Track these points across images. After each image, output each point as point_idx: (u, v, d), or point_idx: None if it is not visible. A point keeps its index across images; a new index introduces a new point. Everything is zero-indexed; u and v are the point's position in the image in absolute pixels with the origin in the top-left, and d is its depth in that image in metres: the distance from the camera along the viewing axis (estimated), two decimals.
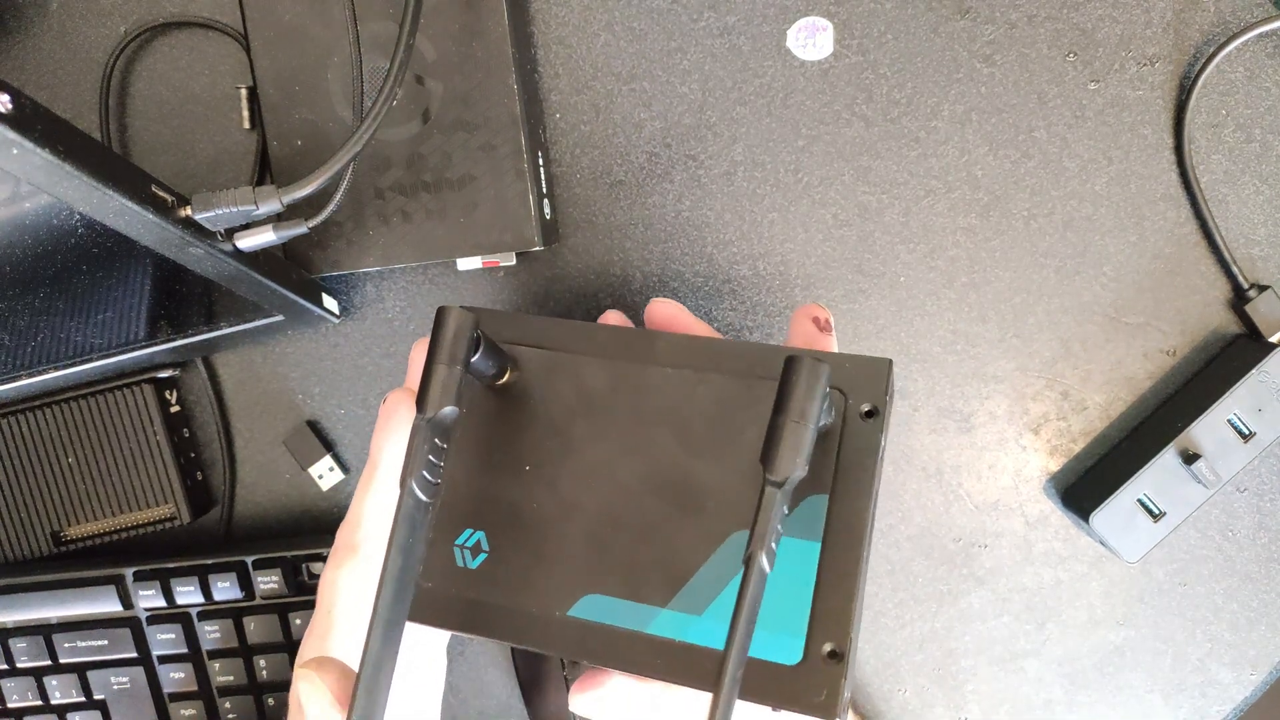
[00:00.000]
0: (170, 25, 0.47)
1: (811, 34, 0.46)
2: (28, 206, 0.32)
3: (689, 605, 0.29)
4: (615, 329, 0.33)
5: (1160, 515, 0.44)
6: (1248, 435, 0.44)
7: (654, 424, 0.31)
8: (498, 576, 0.31)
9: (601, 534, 0.30)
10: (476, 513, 0.32)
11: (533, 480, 0.31)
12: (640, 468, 0.31)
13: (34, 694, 0.47)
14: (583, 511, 0.31)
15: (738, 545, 0.29)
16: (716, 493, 0.30)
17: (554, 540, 0.31)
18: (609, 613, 0.30)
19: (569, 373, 0.32)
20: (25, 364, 0.44)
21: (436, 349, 0.28)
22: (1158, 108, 0.45)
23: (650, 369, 0.32)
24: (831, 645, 0.28)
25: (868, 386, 0.30)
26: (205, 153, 0.48)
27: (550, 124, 0.47)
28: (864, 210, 0.46)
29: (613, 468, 0.31)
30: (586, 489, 0.31)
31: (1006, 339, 0.47)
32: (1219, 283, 0.46)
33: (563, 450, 0.31)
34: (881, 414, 0.30)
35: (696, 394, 0.31)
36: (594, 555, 0.30)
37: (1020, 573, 0.48)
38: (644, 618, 0.29)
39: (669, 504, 0.30)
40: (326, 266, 0.45)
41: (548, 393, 0.32)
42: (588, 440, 0.31)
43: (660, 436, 0.31)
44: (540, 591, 0.30)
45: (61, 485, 0.48)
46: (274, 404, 0.49)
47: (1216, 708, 0.48)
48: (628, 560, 0.30)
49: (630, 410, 0.31)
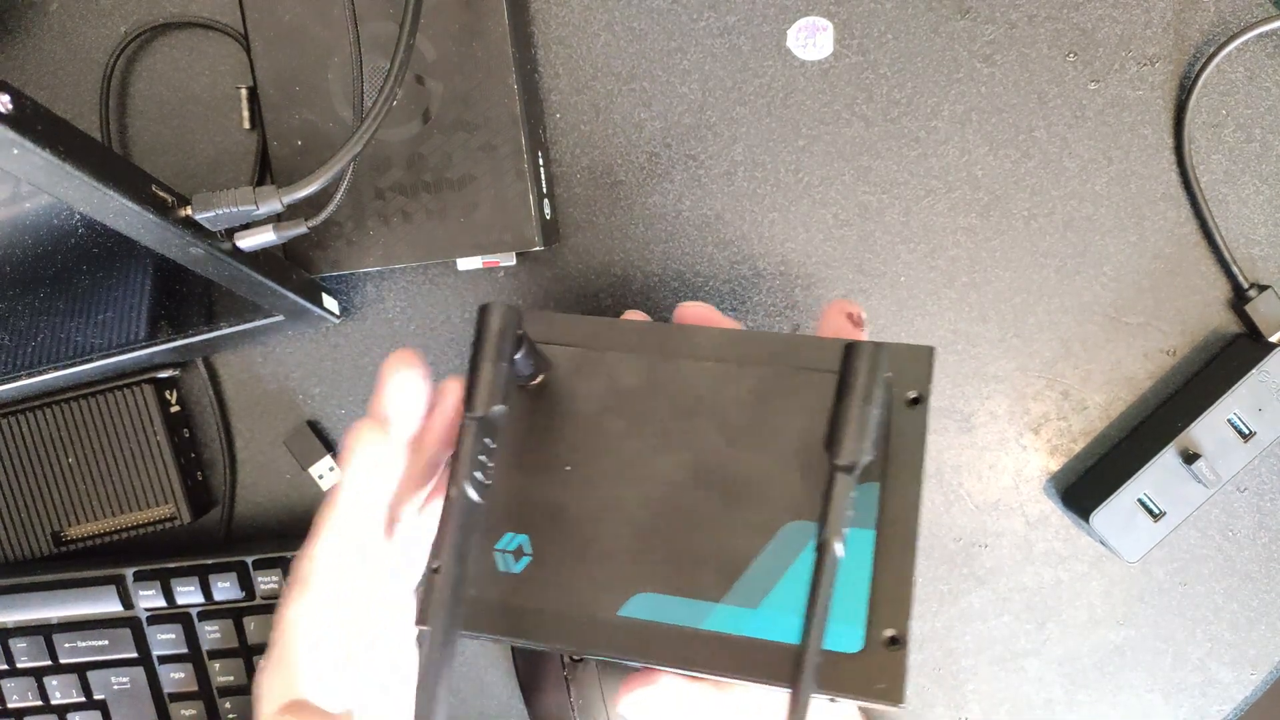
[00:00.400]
0: (170, 25, 0.47)
1: (811, 34, 0.46)
2: (28, 206, 0.32)
3: (744, 598, 0.29)
4: (649, 324, 0.33)
5: (1160, 515, 0.44)
6: (1248, 435, 0.44)
7: (695, 417, 0.31)
8: (543, 580, 0.30)
9: (649, 531, 0.30)
10: (517, 516, 0.31)
11: (574, 480, 0.31)
12: (684, 462, 0.30)
13: (34, 694, 0.47)
14: (628, 509, 0.30)
15: (792, 536, 0.29)
16: (765, 484, 0.30)
17: (600, 540, 0.30)
18: (661, 610, 0.29)
19: (604, 370, 0.32)
20: (25, 364, 0.44)
21: (483, 345, 0.28)
22: (1158, 108, 0.45)
23: (687, 363, 0.31)
24: (892, 631, 0.28)
25: (912, 374, 0.30)
26: (205, 153, 0.48)
27: (550, 124, 0.47)
28: (864, 210, 0.46)
29: (656, 463, 0.30)
30: (630, 486, 0.30)
31: (1006, 339, 0.47)
32: (1219, 283, 0.46)
33: (603, 448, 0.31)
34: (926, 400, 0.29)
35: (737, 386, 0.31)
36: (642, 553, 0.30)
37: (1020, 573, 0.48)
38: (699, 614, 0.29)
39: (716, 497, 0.30)
40: (326, 266, 0.45)
41: (584, 391, 0.31)
42: (628, 437, 0.31)
43: (702, 429, 0.30)
44: (589, 593, 0.30)
45: (61, 485, 0.48)
46: (274, 404, 0.49)
47: (1216, 708, 0.48)
48: (678, 556, 0.29)
49: (670, 405, 0.31)
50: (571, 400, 0.32)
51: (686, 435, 0.30)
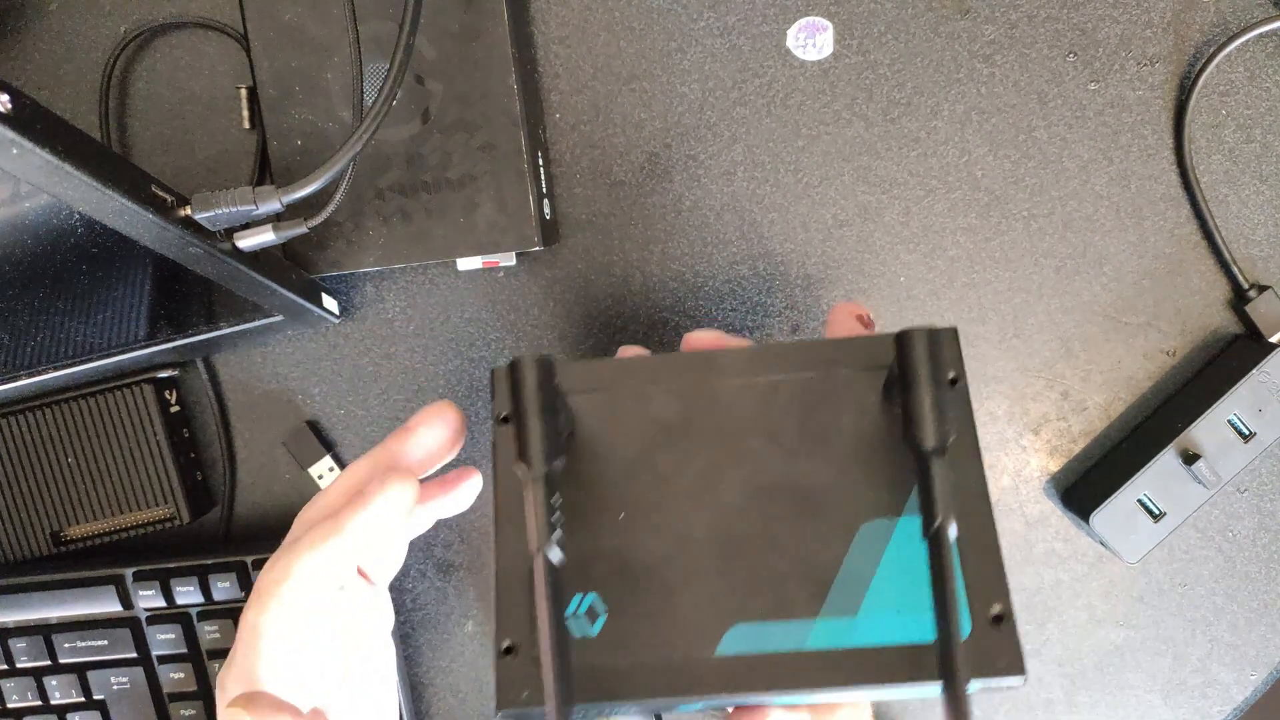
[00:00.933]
0: (170, 25, 0.47)
1: (811, 34, 0.46)
2: (28, 206, 0.32)
3: (842, 608, 0.28)
4: (668, 356, 0.32)
5: (1160, 515, 0.44)
6: (1248, 435, 0.44)
7: (741, 437, 0.30)
8: (626, 636, 0.28)
9: (724, 560, 0.29)
10: (580, 576, 0.29)
11: (631, 526, 0.29)
12: (741, 483, 0.29)
13: (34, 694, 0.47)
14: (695, 543, 0.29)
15: (872, 535, 0.28)
16: (830, 489, 0.29)
17: (675, 580, 0.29)
18: (761, 640, 0.28)
19: (635, 408, 0.31)
20: (25, 364, 0.44)
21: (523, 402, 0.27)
22: (1158, 108, 0.45)
23: (719, 385, 0.30)
24: (997, 608, 0.27)
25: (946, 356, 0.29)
26: (205, 153, 0.48)
27: (550, 124, 0.47)
28: (864, 210, 0.46)
29: (713, 490, 0.29)
30: (692, 519, 0.29)
31: (1006, 339, 0.47)
32: (1219, 283, 0.46)
33: (654, 487, 0.30)
34: (963, 379, 0.30)
35: (775, 398, 0.30)
36: (725, 584, 0.28)
37: (1020, 573, 0.48)
38: (800, 634, 0.28)
39: (784, 512, 0.29)
40: (326, 266, 0.45)
41: (619, 433, 0.30)
42: (677, 470, 0.30)
43: (752, 447, 0.30)
44: (680, 638, 0.28)
45: (61, 485, 0.48)
46: (274, 404, 0.49)
47: (1216, 708, 0.48)
48: (762, 579, 0.28)
49: (713, 429, 0.30)
50: (608, 446, 0.30)
51: (737, 456, 0.30)
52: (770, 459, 0.30)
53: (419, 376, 0.49)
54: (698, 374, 0.31)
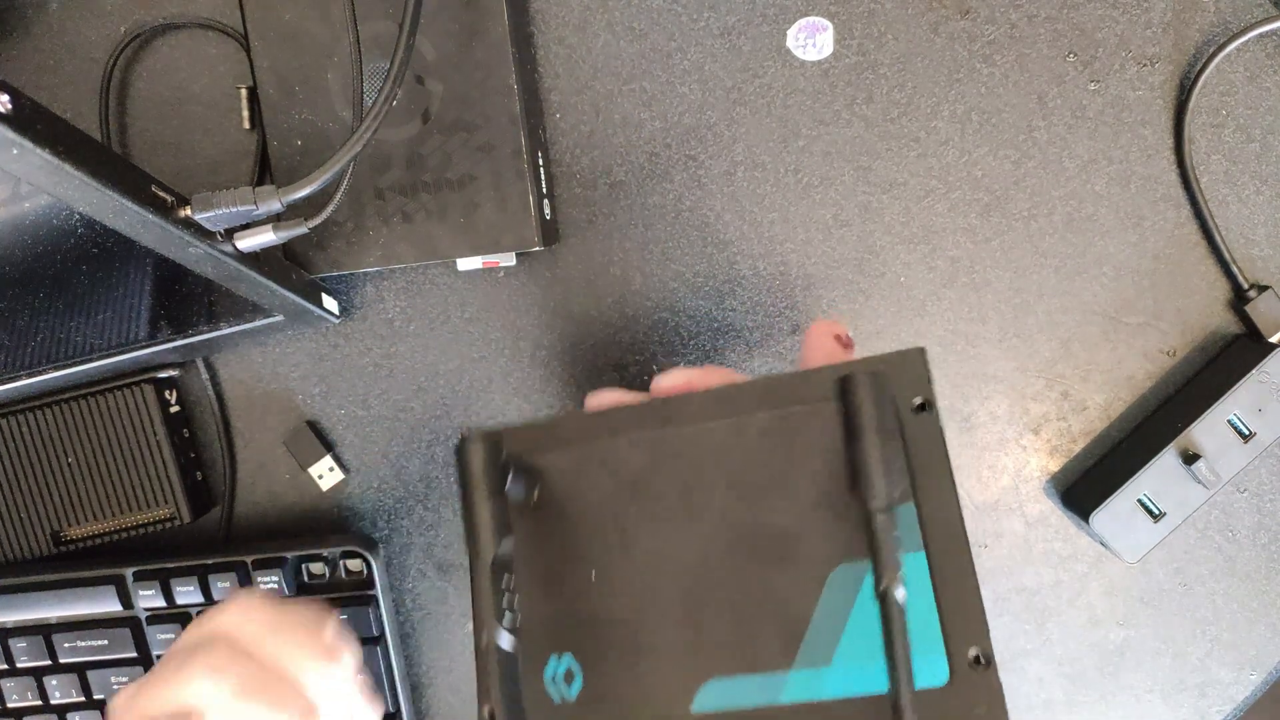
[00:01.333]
0: (170, 25, 0.47)
1: (811, 34, 0.46)
2: (28, 206, 0.32)
3: (815, 658, 0.27)
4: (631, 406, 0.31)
5: (1160, 515, 0.44)
6: (1248, 435, 0.44)
7: (707, 484, 0.29)
8: (603, 696, 0.28)
9: (696, 615, 0.28)
10: (555, 639, 0.29)
11: (603, 585, 0.29)
12: (710, 533, 0.29)
13: (34, 694, 0.47)
14: (668, 598, 0.28)
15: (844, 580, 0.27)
16: (797, 535, 0.28)
17: (649, 638, 0.28)
18: (735, 695, 0.27)
19: (600, 462, 0.30)
20: (25, 364, 0.44)
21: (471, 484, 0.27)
22: (1158, 108, 0.45)
23: (682, 431, 0.30)
24: (975, 650, 0.26)
25: (910, 381, 0.28)
26: (205, 153, 0.48)
27: (550, 124, 0.47)
28: (864, 210, 0.46)
29: (681, 543, 0.29)
30: (661, 573, 0.29)
31: (1006, 339, 0.47)
32: (1219, 283, 0.46)
33: (622, 542, 0.29)
34: (933, 404, 0.28)
35: (738, 442, 0.29)
36: (697, 639, 0.28)
37: (1020, 573, 0.48)
38: (774, 687, 0.27)
39: (754, 561, 0.28)
40: (326, 266, 0.45)
41: (585, 489, 0.30)
42: (644, 523, 0.29)
43: (718, 495, 0.29)
44: (655, 696, 0.28)
45: (61, 485, 0.48)
46: (274, 404, 0.49)
47: (1216, 708, 0.48)
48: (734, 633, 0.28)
49: (678, 478, 0.29)
50: (575, 503, 0.30)
51: (703, 505, 0.29)
52: (736, 506, 0.29)
53: (419, 376, 0.49)
54: (658, 423, 0.30)
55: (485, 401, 0.48)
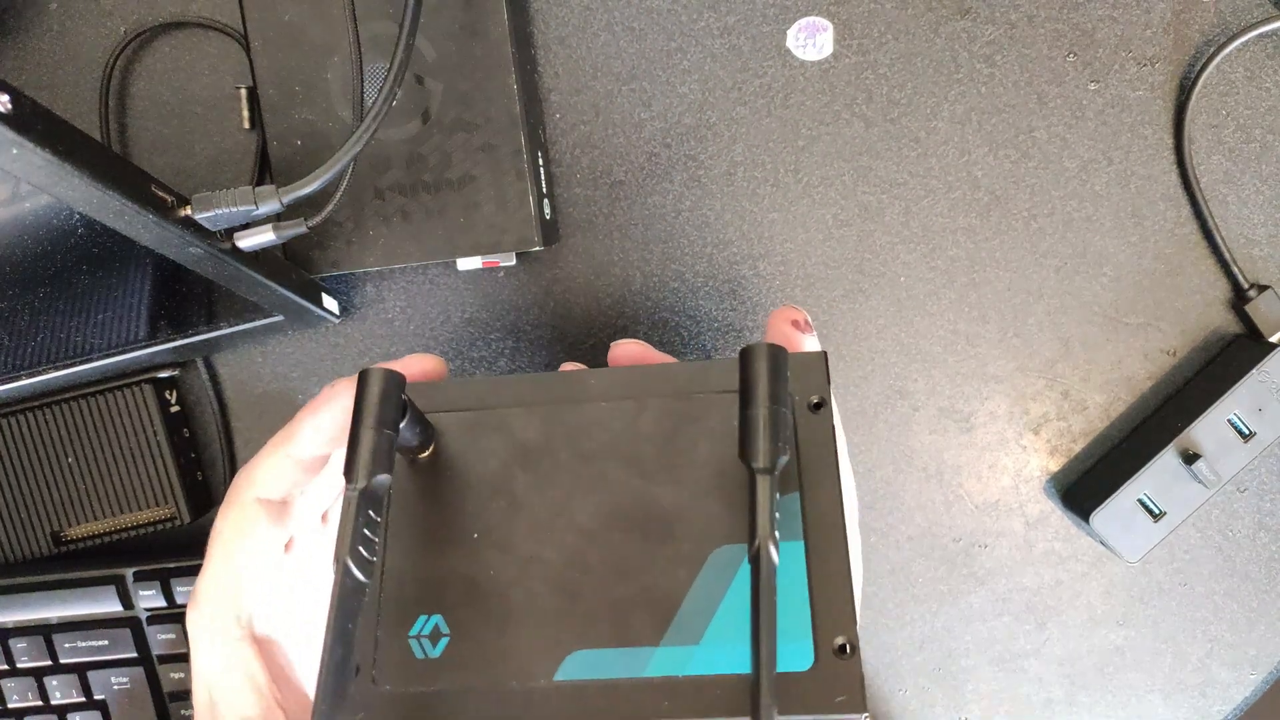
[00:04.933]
0: (170, 25, 0.47)
1: (811, 34, 0.46)
2: (28, 206, 0.32)
3: (684, 636, 0.27)
4: (539, 375, 0.31)
5: (1160, 515, 0.44)
6: (1248, 435, 0.44)
7: (601, 460, 0.29)
8: (467, 659, 0.28)
9: (572, 585, 0.28)
10: (427, 597, 0.29)
11: (484, 547, 0.29)
12: (597, 507, 0.29)
13: (34, 694, 0.47)
14: (547, 566, 0.28)
15: (721, 562, 0.28)
16: (684, 515, 0.28)
17: (522, 604, 0.28)
18: (600, 666, 0.27)
19: (499, 428, 0.30)
20: (25, 364, 0.44)
21: (362, 413, 0.26)
22: (1158, 108, 0.45)
23: (584, 407, 0.30)
24: (841, 639, 0.27)
25: (809, 381, 0.29)
26: (205, 153, 0.48)
27: (550, 124, 0.47)
28: (864, 210, 0.46)
29: (568, 514, 0.29)
30: (545, 542, 0.29)
31: (1006, 339, 0.47)
32: (1219, 283, 0.46)
33: (510, 508, 0.29)
34: (828, 404, 0.29)
35: (638, 422, 0.30)
36: (569, 609, 0.28)
37: (1020, 573, 0.48)
38: (639, 661, 0.27)
39: (637, 538, 0.28)
40: (326, 266, 0.45)
41: (480, 453, 0.30)
42: (535, 492, 0.29)
43: (611, 471, 0.29)
44: (519, 663, 0.27)
45: (61, 485, 0.48)
46: (274, 404, 0.49)
47: (1216, 708, 0.48)
48: (607, 606, 0.28)
49: (574, 451, 0.30)
50: (468, 466, 0.30)
51: (596, 479, 0.29)
52: (628, 484, 0.29)
53: None
54: (565, 395, 0.30)
55: None
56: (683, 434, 0.29)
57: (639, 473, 0.29)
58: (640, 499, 0.29)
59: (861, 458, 0.48)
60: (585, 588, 0.28)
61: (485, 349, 0.48)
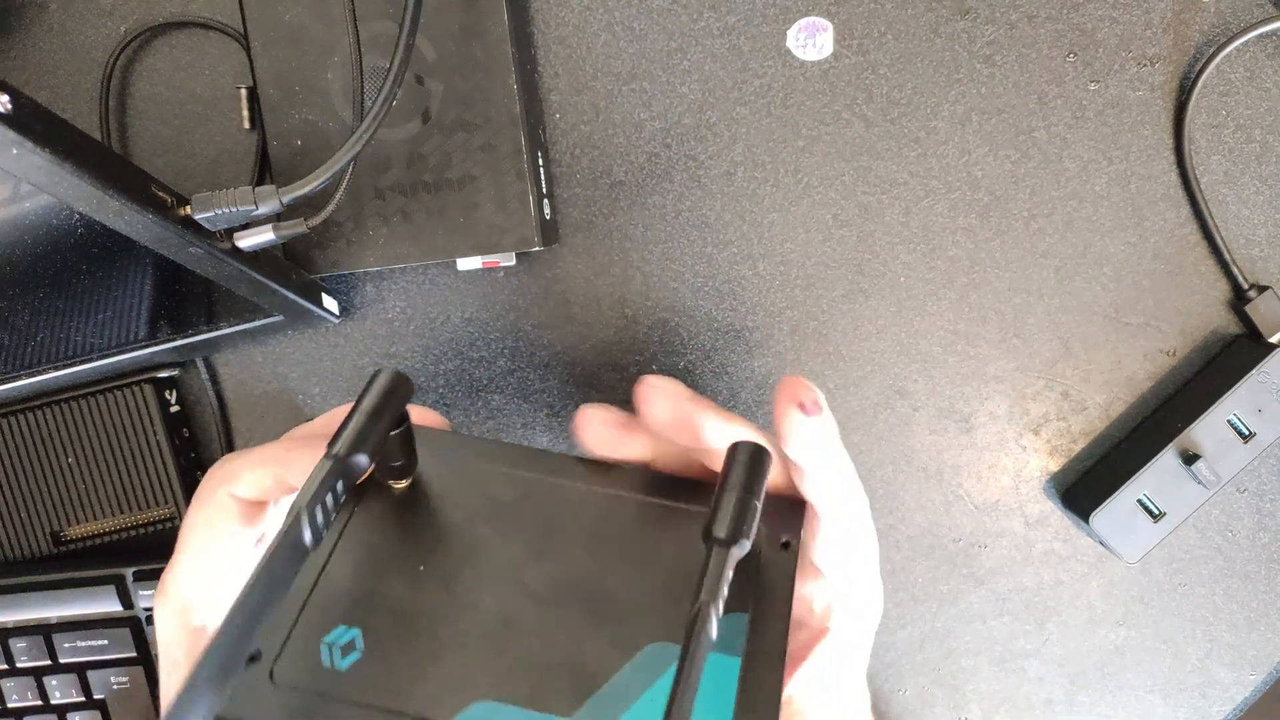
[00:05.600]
0: (170, 25, 0.47)
1: (811, 34, 0.46)
2: (28, 206, 0.32)
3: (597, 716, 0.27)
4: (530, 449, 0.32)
5: (1160, 515, 0.44)
6: (1248, 435, 0.44)
7: (565, 535, 0.29)
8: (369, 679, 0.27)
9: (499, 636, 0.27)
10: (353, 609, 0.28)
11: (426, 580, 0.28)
12: (548, 575, 0.29)
13: (34, 694, 0.47)
14: (479, 612, 0.28)
15: (654, 657, 0.27)
16: (630, 604, 0.28)
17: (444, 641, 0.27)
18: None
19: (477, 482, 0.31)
20: (25, 364, 0.44)
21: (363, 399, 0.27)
22: (1158, 108, 0.45)
23: (567, 486, 0.30)
24: None
25: (786, 523, 0.30)
26: (205, 153, 0.48)
27: (550, 124, 0.47)
28: (864, 210, 0.46)
29: (518, 573, 0.29)
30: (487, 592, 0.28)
31: (1006, 339, 0.47)
32: (1219, 283, 0.46)
33: (463, 554, 0.29)
34: (794, 547, 0.30)
35: (612, 513, 0.30)
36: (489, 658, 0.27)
37: (1020, 573, 0.48)
38: None
39: (577, 612, 0.28)
40: (326, 266, 0.45)
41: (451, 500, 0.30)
42: (492, 545, 0.29)
43: (571, 548, 0.29)
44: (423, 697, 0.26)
45: (61, 485, 0.48)
46: (274, 404, 0.49)
47: (1216, 708, 0.48)
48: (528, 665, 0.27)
49: (540, 521, 0.30)
50: (437, 507, 0.30)
51: (554, 550, 0.29)
52: (583, 562, 0.29)
53: (419, 376, 0.49)
54: (552, 471, 0.31)
55: (485, 401, 0.49)
56: (651, 534, 0.30)
57: (598, 556, 0.29)
58: (591, 578, 0.29)
59: (861, 458, 0.48)
60: (513, 644, 0.28)
61: (485, 349, 0.48)
